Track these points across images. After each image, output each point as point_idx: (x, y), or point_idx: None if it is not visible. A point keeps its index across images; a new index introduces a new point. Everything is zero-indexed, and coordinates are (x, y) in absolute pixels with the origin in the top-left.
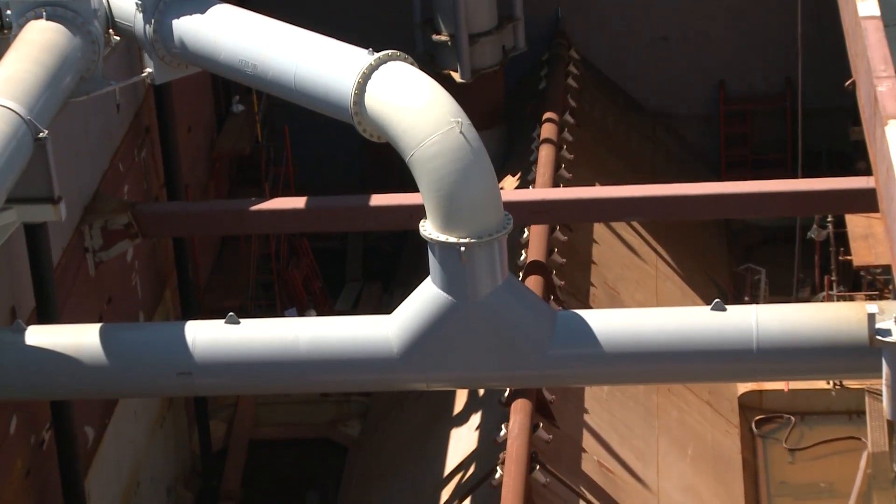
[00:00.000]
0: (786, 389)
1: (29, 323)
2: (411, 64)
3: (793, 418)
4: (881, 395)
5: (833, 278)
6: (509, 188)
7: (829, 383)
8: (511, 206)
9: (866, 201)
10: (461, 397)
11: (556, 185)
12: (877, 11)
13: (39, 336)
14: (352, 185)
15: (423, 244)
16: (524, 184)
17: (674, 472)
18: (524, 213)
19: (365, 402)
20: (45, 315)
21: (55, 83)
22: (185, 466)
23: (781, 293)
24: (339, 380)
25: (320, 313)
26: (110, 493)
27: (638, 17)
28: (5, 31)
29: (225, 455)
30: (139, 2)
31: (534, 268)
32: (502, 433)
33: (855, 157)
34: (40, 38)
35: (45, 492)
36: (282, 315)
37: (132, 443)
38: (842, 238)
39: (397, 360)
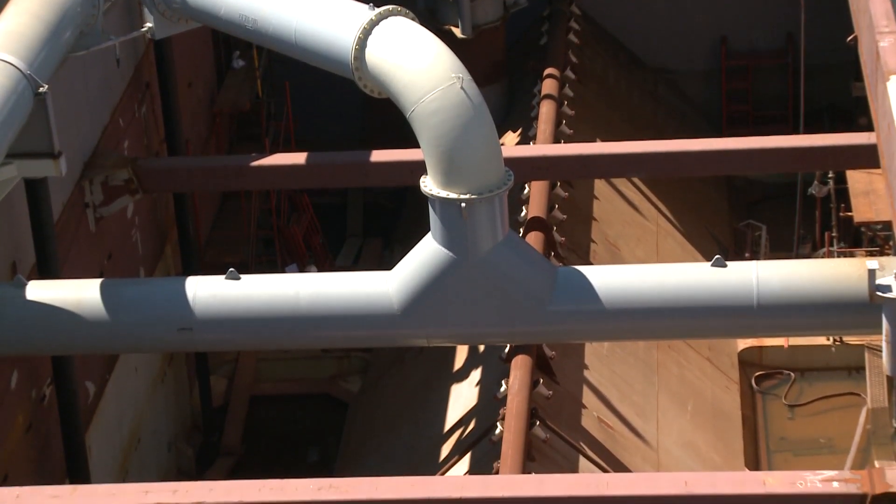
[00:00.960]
0: (785, 345)
1: (29, 278)
2: (412, 19)
3: (792, 374)
4: (881, 351)
5: (834, 234)
6: (510, 144)
7: (828, 339)
8: (512, 163)
9: (867, 157)
10: (461, 353)
11: (557, 141)
12: None
13: (40, 291)
14: (352, 140)
15: (423, 200)
16: (525, 140)
17: (673, 428)
18: (525, 170)
19: (365, 358)
20: (46, 270)
21: (55, 38)
22: (185, 422)
23: (782, 249)
24: (340, 335)
25: (321, 269)
26: (111, 448)
27: None
28: None
29: (225, 410)
30: None
31: (534, 224)
32: (502, 389)
33: (856, 113)
34: None
35: (46, 447)
36: (282, 271)
37: (133, 398)
38: (842, 194)
39: (398, 316)
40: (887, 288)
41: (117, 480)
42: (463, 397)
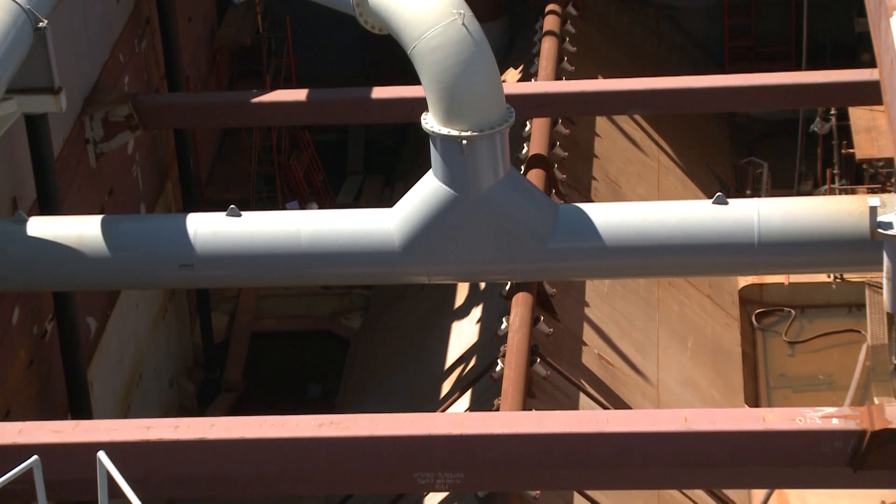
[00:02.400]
0: (786, 283)
1: (30, 214)
2: None
3: (793, 311)
4: (881, 288)
5: (835, 171)
6: (511, 81)
7: (829, 276)
8: (513, 99)
9: (870, 94)
10: (462, 291)
11: (558, 77)
12: None
13: (41, 227)
14: (353, 77)
15: (424, 137)
16: (526, 76)
17: (674, 365)
18: (526, 106)
19: (366, 295)
20: (47, 206)
21: None
22: (187, 358)
23: (783, 186)
24: (340, 272)
25: (322, 206)
26: (113, 384)
27: None
28: None
29: (227, 347)
30: None
31: (535, 161)
32: (503, 326)
33: (859, 49)
34: None
35: (48, 382)
36: (283, 208)
37: (134, 334)
38: (844, 131)
39: (398, 253)
40: (888, 225)
41: (119, 416)
42: (464, 334)
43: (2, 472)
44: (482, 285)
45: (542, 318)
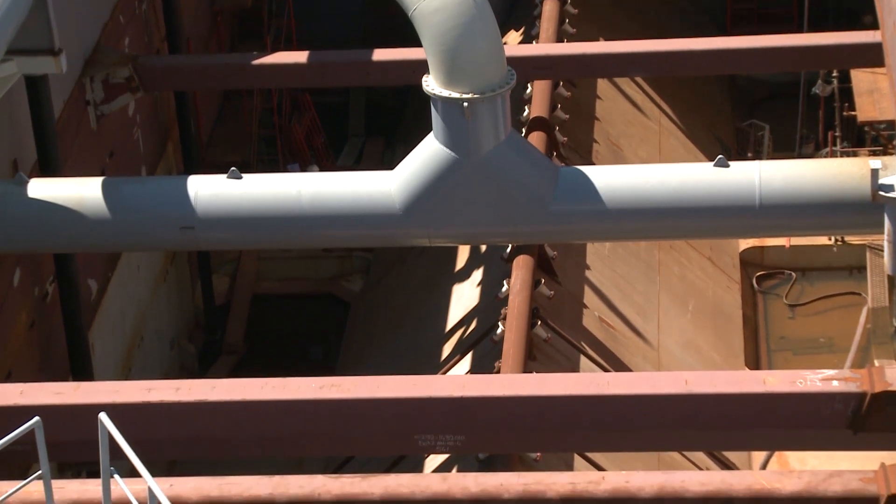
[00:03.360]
0: (787, 245)
1: (31, 176)
2: None
3: (793, 274)
4: (882, 251)
5: (837, 134)
6: (513, 43)
7: (830, 239)
8: (514, 62)
9: (872, 56)
10: (463, 253)
11: (559, 40)
12: None
13: (41, 189)
14: (354, 39)
15: (426, 99)
16: (528, 39)
17: (674, 328)
18: (527, 69)
19: (367, 258)
20: (47, 168)
21: None
22: (188, 320)
23: (785, 149)
24: (341, 235)
25: (323, 168)
26: (114, 346)
27: None
28: None
29: (228, 309)
30: None
31: (537, 124)
32: (504, 289)
33: (862, 12)
34: None
35: (49, 344)
36: (284, 170)
37: (135, 296)
38: (846, 93)
39: (400, 216)
40: (890, 187)
41: (120, 378)
42: (464, 297)
43: (3, 433)
44: (483, 248)
45: (543, 280)
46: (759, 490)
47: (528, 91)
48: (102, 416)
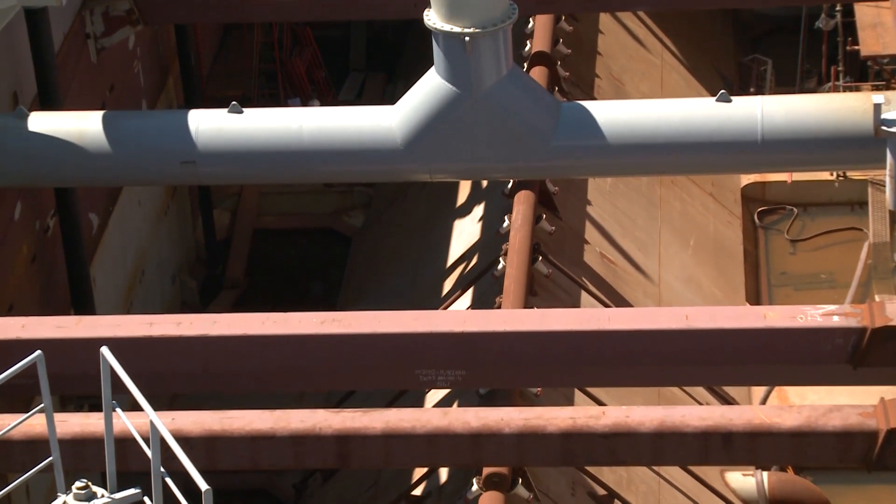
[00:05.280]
0: (788, 181)
1: (31, 110)
2: None
3: (795, 209)
4: (884, 186)
5: (840, 68)
6: None
7: (831, 174)
8: None
9: None
10: (464, 189)
11: None
12: None
13: (42, 122)
14: None
15: (427, 34)
16: None
17: (675, 263)
18: (529, 3)
19: (368, 193)
20: (48, 101)
21: None
22: (189, 255)
23: (788, 84)
24: (342, 170)
25: (324, 103)
26: (115, 280)
27: None
28: None
29: (229, 244)
30: None
31: (538, 58)
32: (505, 224)
33: None
34: None
35: (51, 277)
36: (285, 105)
37: (137, 231)
38: (850, 27)
39: (401, 151)
40: (892, 122)
41: (122, 312)
42: (466, 232)
43: (5, 366)
44: (484, 184)
45: (544, 216)
46: (759, 424)
47: (530, 25)
48: (104, 350)
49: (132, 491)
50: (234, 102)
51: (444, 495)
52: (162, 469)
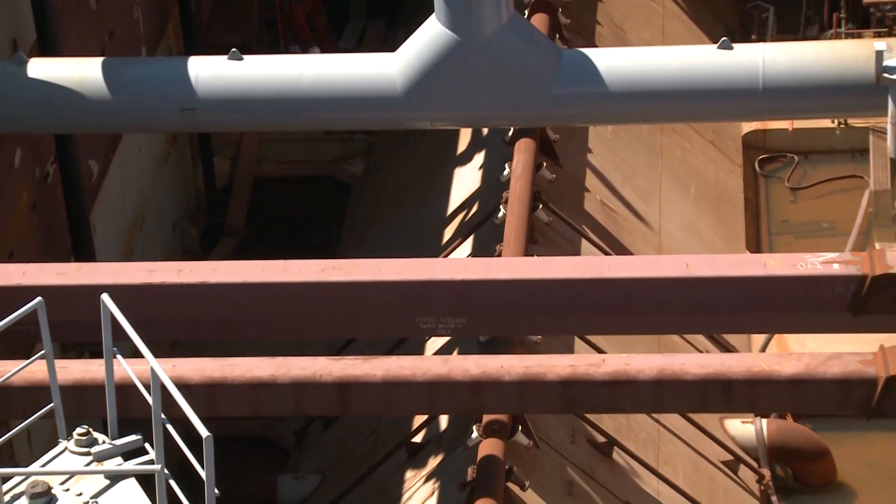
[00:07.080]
0: (790, 128)
1: (30, 56)
2: None
3: (796, 157)
4: (885, 133)
5: (842, 15)
6: None
7: (833, 122)
8: None
9: None
10: (465, 137)
11: None
12: None
13: (41, 69)
14: None
15: None
16: None
17: (676, 211)
18: None
19: (369, 141)
20: (47, 48)
21: None
22: (189, 202)
23: (789, 31)
24: (343, 117)
25: (324, 50)
26: (116, 228)
27: None
28: None
29: (229, 191)
30: None
31: (539, 5)
32: (506, 172)
33: None
34: None
35: (51, 224)
36: (285, 52)
37: (137, 178)
38: None
39: (401, 99)
40: (894, 69)
41: (122, 259)
42: (466, 180)
43: (6, 313)
44: (485, 131)
45: (545, 164)
46: (759, 372)
47: None
48: (104, 297)
49: (133, 437)
50: (233, 49)
51: (443, 443)
52: (163, 416)
